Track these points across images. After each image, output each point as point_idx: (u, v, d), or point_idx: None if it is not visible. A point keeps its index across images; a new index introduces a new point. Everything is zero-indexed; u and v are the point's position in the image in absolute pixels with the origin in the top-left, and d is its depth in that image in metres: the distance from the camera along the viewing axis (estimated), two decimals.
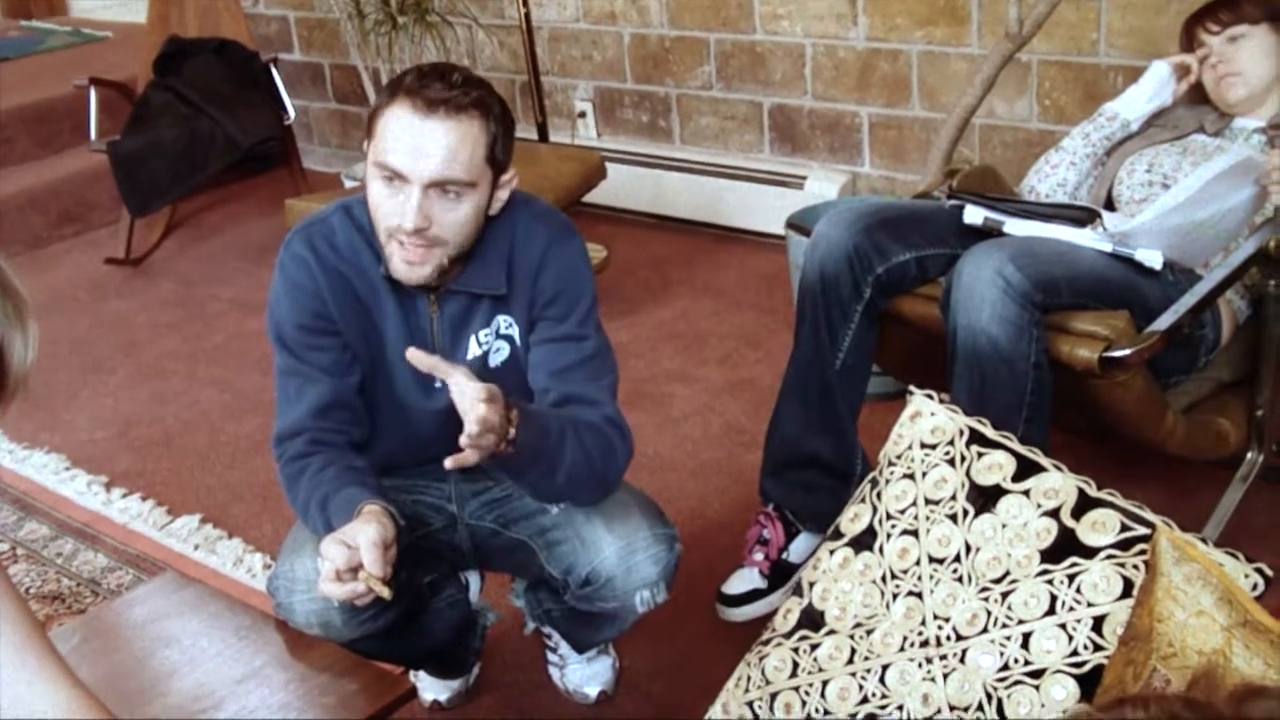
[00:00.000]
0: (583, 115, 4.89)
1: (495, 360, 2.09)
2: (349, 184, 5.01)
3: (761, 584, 2.57)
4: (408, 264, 1.97)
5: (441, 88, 1.90)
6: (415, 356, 1.83)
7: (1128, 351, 2.21)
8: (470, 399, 1.76)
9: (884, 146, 4.22)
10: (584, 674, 2.46)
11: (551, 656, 2.50)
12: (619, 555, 2.01)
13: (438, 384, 2.06)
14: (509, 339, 2.09)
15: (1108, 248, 2.37)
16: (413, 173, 1.90)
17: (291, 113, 5.00)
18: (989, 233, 2.44)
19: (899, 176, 4.21)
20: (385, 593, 1.78)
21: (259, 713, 1.81)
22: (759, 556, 2.58)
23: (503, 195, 2.02)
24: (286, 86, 5.05)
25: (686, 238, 4.60)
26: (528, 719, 2.47)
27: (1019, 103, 3.86)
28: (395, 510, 1.91)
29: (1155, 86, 2.78)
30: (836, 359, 2.45)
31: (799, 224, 3.43)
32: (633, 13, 4.64)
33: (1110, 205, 2.75)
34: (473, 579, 2.47)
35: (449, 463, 1.80)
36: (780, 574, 2.57)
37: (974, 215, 2.45)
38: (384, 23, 4.66)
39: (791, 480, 2.56)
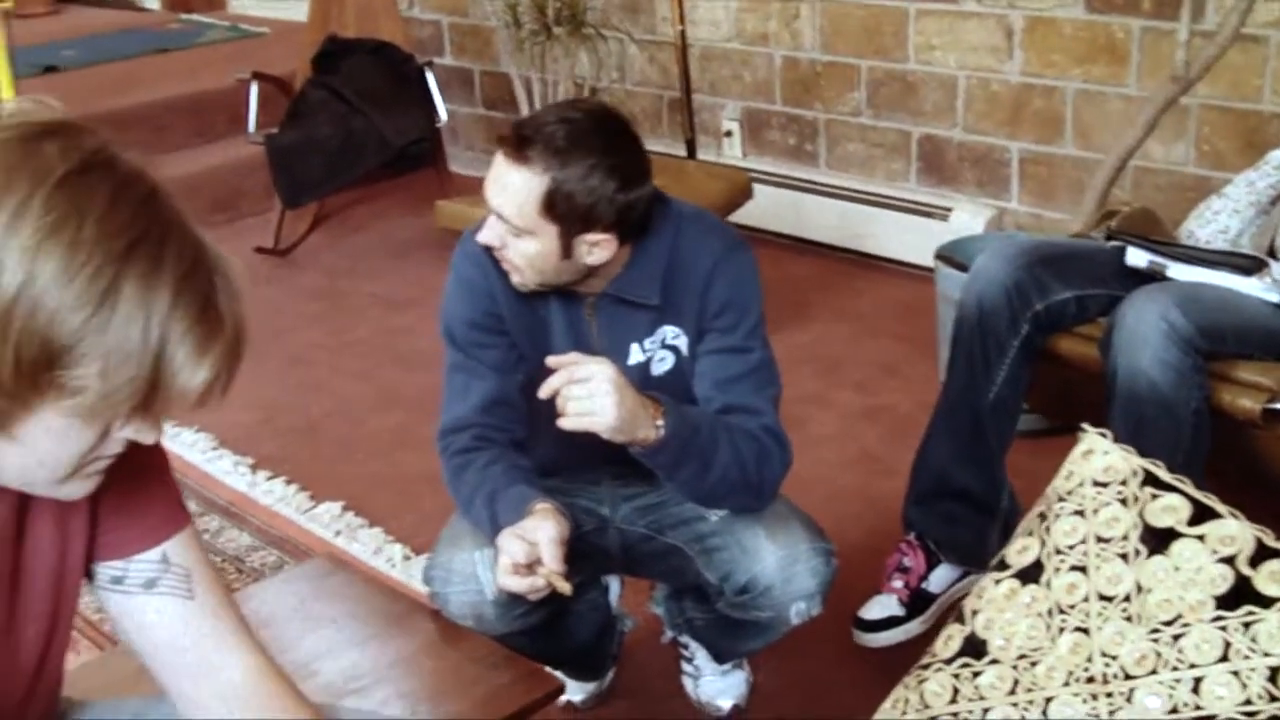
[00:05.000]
0: (729, 134, 4.93)
1: (658, 369, 2.13)
2: None
3: (899, 611, 2.57)
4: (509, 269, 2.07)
5: (520, 134, 1.96)
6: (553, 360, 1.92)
7: None
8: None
9: (1033, 183, 4.20)
10: (718, 686, 2.49)
11: (686, 667, 2.53)
12: (779, 565, 2.04)
13: None
14: (674, 350, 2.13)
15: (1275, 298, 2.35)
16: (488, 201, 2.00)
17: (444, 115, 5.10)
18: (1151, 276, 2.43)
19: (1047, 214, 4.18)
20: (566, 588, 1.82)
21: (410, 698, 1.86)
22: (898, 584, 2.59)
23: (600, 253, 2.01)
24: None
25: (826, 262, 4.61)
26: None
27: (1176, 146, 3.83)
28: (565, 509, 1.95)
29: None
30: (989, 392, 2.45)
31: (949, 256, 3.43)
32: (786, 35, 4.67)
33: (1272, 254, 2.72)
34: (612, 584, 2.50)
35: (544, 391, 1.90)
36: (918, 603, 2.58)
37: (1137, 258, 2.45)
38: (539, 33, 4.74)
39: (936, 510, 2.57)
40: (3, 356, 1.02)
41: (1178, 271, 2.43)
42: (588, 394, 1.85)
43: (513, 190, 1.95)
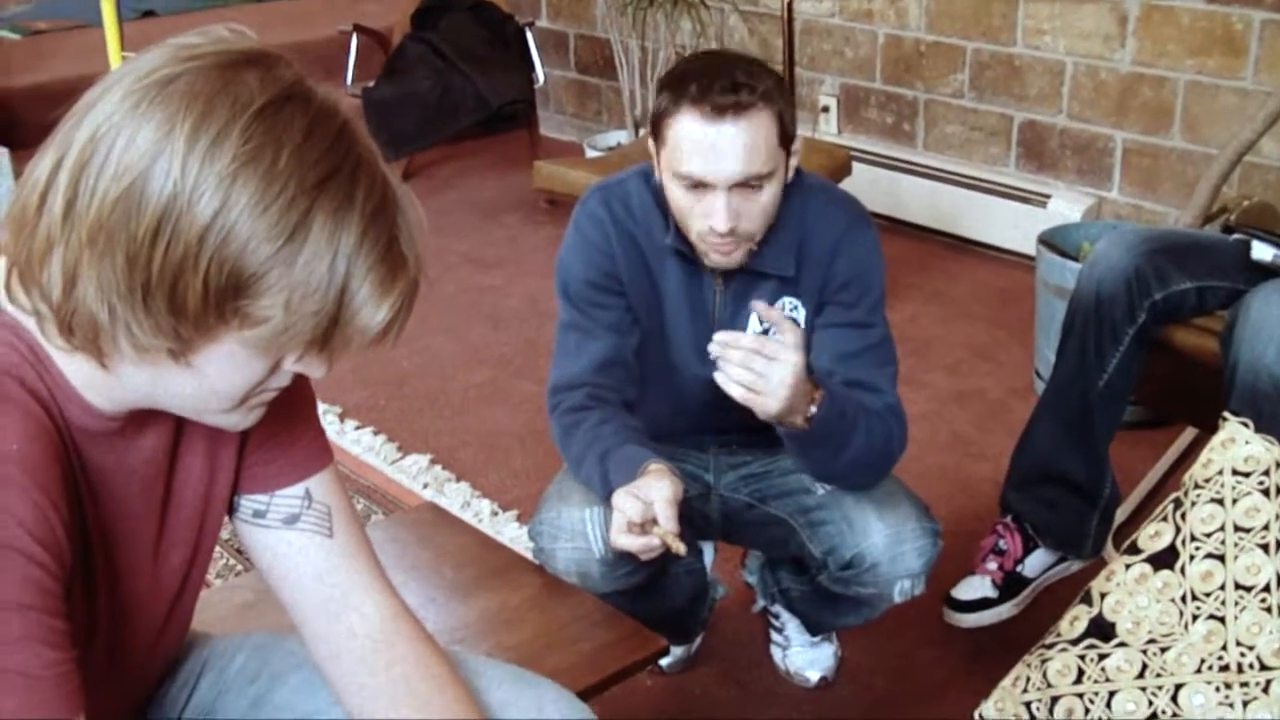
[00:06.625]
0: (825, 110, 4.90)
1: (789, 341, 2.12)
2: (590, 154, 5.09)
3: (993, 594, 2.56)
4: (721, 254, 2.03)
5: (725, 90, 1.92)
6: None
7: None
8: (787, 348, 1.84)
9: (1136, 174, 4.15)
10: (807, 658, 2.49)
11: (776, 637, 2.53)
12: (887, 543, 2.03)
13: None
14: (793, 321, 2.11)
15: None
16: (715, 178, 1.94)
17: (541, 77, 5.10)
18: (1276, 271, 2.40)
19: (1147, 206, 4.13)
20: (681, 548, 1.82)
21: (517, 651, 1.85)
22: (992, 566, 2.57)
23: (793, 163, 2.06)
24: None
25: (919, 243, 4.58)
26: (747, 693, 2.50)
27: None
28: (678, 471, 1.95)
29: None
30: (1101, 379, 2.43)
31: (1051, 242, 3.40)
32: (891, 13, 4.63)
33: None
34: (707, 550, 2.51)
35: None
36: (1011, 586, 2.56)
37: (1263, 251, 2.41)
38: None
39: (1037, 495, 2.55)
40: (192, 283, 1.03)
41: None
42: (766, 374, 1.83)
43: (753, 143, 1.93)
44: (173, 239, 1.02)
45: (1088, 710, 1.67)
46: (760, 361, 1.82)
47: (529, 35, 5.14)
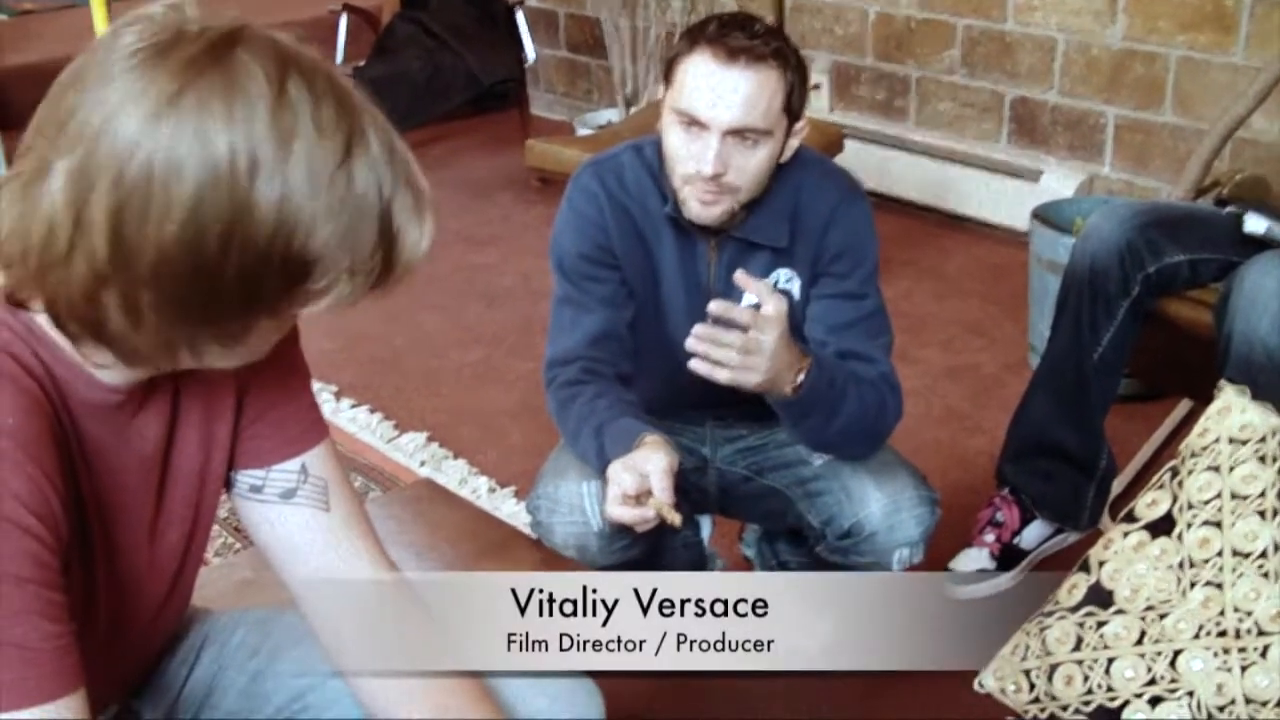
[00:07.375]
0: (817, 87, 4.88)
1: (769, 312, 2.12)
2: (581, 132, 5.08)
3: (990, 565, 2.57)
4: (701, 204, 2.02)
5: (742, 37, 1.94)
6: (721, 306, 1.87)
7: None
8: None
9: (1127, 150, 4.15)
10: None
11: None
12: (884, 511, 2.04)
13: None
14: (786, 293, 2.11)
15: None
16: (712, 120, 1.94)
17: (531, 55, 5.09)
18: (1268, 243, 2.40)
19: (1139, 181, 4.13)
20: (676, 519, 1.81)
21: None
22: (989, 538, 2.58)
23: (794, 144, 2.06)
24: None
25: (911, 220, 4.58)
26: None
27: (1279, 119, 3.76)
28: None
29: None
30: (1095, 353, 2.44)
31: (1044, 217, 3.40)
32: None
33: None
34: (704, 523, 2.51)
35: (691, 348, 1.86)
36: (1009, 557, 2.58)
37: (1256, 224, 2.41)
38: None
39: (1033, 467, 2.56)
40: (266, 282, 1.05)
41: None
42: (747, 351, 1.84)
43: (756, 94, 1.93)
44: (243, 249, 1.03)
45: (1087, 677, 1.69)
46: (738, 336, 1.83)
47: (519, 14, 5.12)
